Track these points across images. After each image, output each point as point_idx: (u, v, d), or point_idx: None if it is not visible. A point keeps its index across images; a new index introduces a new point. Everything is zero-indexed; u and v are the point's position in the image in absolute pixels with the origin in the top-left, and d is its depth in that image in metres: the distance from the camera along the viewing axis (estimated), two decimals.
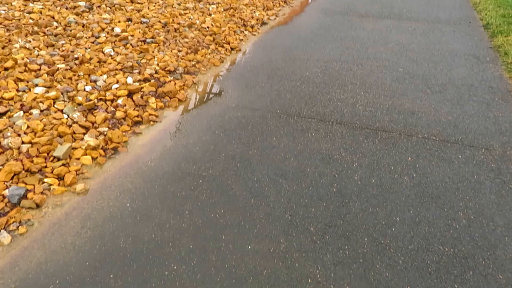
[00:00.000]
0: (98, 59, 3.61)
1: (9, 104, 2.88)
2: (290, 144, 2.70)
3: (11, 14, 4.60)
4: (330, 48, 4.45)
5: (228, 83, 3.58)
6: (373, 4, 6.23)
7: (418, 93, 3.45)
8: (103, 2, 5.16)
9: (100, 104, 2.97)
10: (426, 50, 4.45)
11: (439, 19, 5.56)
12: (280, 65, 3.99)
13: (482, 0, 6.35)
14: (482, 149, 2.68)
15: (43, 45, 3.83)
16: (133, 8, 5.04)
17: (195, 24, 4.68)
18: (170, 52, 3.92)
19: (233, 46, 4.31)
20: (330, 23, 5.34)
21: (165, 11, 4.97)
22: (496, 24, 5.17)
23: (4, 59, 3.45)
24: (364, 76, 3.77)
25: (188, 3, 5.41)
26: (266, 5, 5.80)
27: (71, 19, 4.48)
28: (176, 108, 3.14)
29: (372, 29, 5.11)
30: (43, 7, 4.89)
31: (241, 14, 5.23)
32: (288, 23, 5.33)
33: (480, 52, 4.40)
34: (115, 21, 4.53)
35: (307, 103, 3.25)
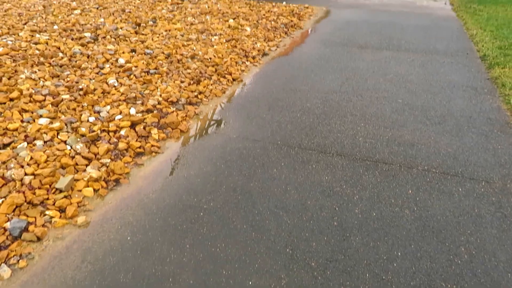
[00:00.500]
0: (102, 90, 3.68)
1: (13, 135, 2.91)
2: (291, 176, 2.72)
3: (18, 44, 4.71)
4: (330, 79, 4.53)
5: (229, 114, 3.63)
6: (372, 35, 6.37)
7: (418, 124, 3.49)
8: (108, 33, 5.29)
9: (103, 135, 3.00)
10: (425, 81, 4.52)
11: (437, 50, 5.67)
12: (281, 95, 4.05)
13: (478, 32, 6.49)
14: (482, 182, 2.69)
15: (48, 76, 3.90)
16: (137, 39, 5.16)
17: (198, 55, 4.78)
18: (173, 83, 4.00)
19: (235, 76, 4.39)
20: (330, 54, 5.45)
21: (168, 42, 5.09)
22: (493, 55, 5.27)
23: (10, 90, 3.52)
24: (364, 107, 3.82)
25: (191, 34, 5.54)
26: (267, 36, 5.93)
27: (76, 50, 4.58)
28: (178, 139, 3.17)
29: (372, 60, 5.21)
30: (49, 38, 5.01)
31: (243, 45, 5.34)
32: (288, 54, 5.44)
33: (478, 84, 4.47)
34: (119, 52, 4.63)
35: (307, 134, 3.29)
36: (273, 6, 7.92)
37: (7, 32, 5.23)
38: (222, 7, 7.45)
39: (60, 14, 6.44)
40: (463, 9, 8.37)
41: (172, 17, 6.44)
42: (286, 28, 6.50)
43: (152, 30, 5.61)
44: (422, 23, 7.29)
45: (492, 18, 7.40)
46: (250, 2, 8.25)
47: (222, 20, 6.48)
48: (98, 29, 5.46)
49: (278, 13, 7.34)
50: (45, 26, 5.59)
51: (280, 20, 6.83)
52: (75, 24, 5.72)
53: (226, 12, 6.98)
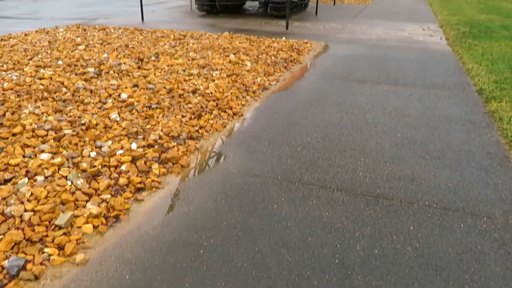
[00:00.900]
0: (104, 125, 3.72)
1: (15, 170, 2.93)
2: (291, 212, 2.71)
3: (23, 79, 4.81)
4: (329, 113, 4.58)
5: (230, 148, 3.66)
6: (370, 69, 6.50)
7: (417, 159, 3.51)
8: (111, 68, 5.40)
9: (104, 170, 3.02)
10: (423, 115, 4.58)
11: (434, 85, 5.76)
12: (281, 130, 4.09)
13: (474, 66, 6.62)
14: (484, 217, 2.68)
15: (51, 111, 3.96)
16: (140, 74, 5.27)
17: (199, 89, 4.86)
18: (174, 118, 4.04)
19: (236, 111, 4.45)
20: (329, 88, 5.53)
21: (170, 77, 5.19)
22: (489, 90, 5.35)
23: (13, 125, 3.56)
24: (363, 142, 3.85)
25: (193, 69, 5.66)
26: (267, 71, 6.05)
27: (80, 85, 4.66)
28: (178, 174, 3.18)
29: (370, 94, 5.29)
30: (54, 73, 5.12)
31: (243, 80, 5.44)
32: (288, 88, 5.53)
33: (475, 118, 4.52)
34: (122, 87, 4.71)
35: (307, 169, 3.30)
36: (273, 42, 8.12)
37: (12, 68, 5.34)
38: (223, 42, 7.63)
39: (65, 49, 6.60)
40: (459, 44, 8.56)
41: (174, 52, 6.59)
42: (285, 63, 6.63)
43: (154, 65, 5.73)
44: (419, 57, 7.45)
45: (487, 53, 7.57)
46: (251, 37, 8.46)
47: (223, 55, 6.63)
48: (102, 64, 5.58)
49: (278, 48, 7.51)
50: (49, 61, 5.72)
51: (280, 55, 6.99)
52: (79, 59, 5.85)
53: (227, 47, 7.15)
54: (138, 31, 8.97)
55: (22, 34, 8.27)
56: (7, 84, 4.57)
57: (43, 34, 8.31)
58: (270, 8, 12.16)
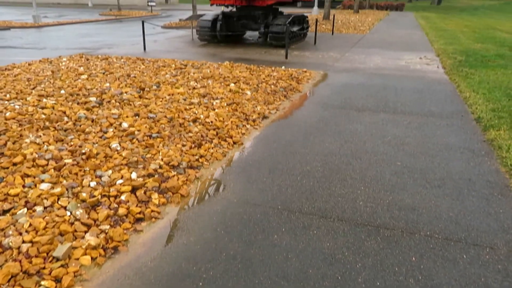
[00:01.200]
0: (105, 154, 3.73)
1: (14, 200, 2.92)
2: (292, 243, 2.68)
3: (25, 109, 4.86)
4: (329, 142, 4.60)
5: (230, 178, 3.66)
6: (368, 98, 6.57)
7: (418, 188, 3.50)
8: (112, 98, 5.47)
9: (103, 200, 3.01)
10: (422, 143, 4.60)
11: (432, 113, 5.81)
12: (281, 159, 4.10)
13: (471, 94, 6.70)
14: (487, 248, 2.65)
15: (52, 140, 3.98)
16: (141, 103, 5.33)
17: (199, 118, 4.90)
18: (175, 147, 4.06)
19: (236, 140, 4.47)
20: (328, 116, 5.58)
21: (171, 106, 5.24)
22: (487, 118, 5.40)
23: (13, 154, 3.57)
24: (363, 170, 3.85)
25: (193, 98, 5.72)
26: (267, 100, 6.12)
27: (81, 114, 4.71)
28: (178, 203, 3.17)
29: (369, 123, 5.33)
30: (56, 103, 5.17)
31: (243, 109, 5.49)
32: (288, 116, 5.58)
33: (474, 146, 4.54)
34: (123, 116, 4.76)
35: (308, 198, 3.29)
36: (273, 71, 8.24)
37: (15, 97, 5.41)
38: (224, 71, 7.75)
39: (68, 79, 6.70)
40: (455, 72, 8.69)
41: (175, 81, 6.69)
42: (285, 92, 6.71)
43: (155, 95, 5.80)
44: (416, 86, 7.54)
45: (483, 82, 7.67)
46: (251, 66, 8.60)
47: (223, 84, 6.72)
48: (104, 93, 5.65)
49: (278, 77, 7.62)
50: (52, 90, 5.79)
51: (280, 84, 7.08)
52: (82, 88, 5.93)
53: (227, 76, 7.26)
54: (140, 60, 9.12)
55: (25, 64, 8.41)
56: (9, 114, 4.61)
57: (47, 64, 8.45)
58: (270, 38, 12.41)
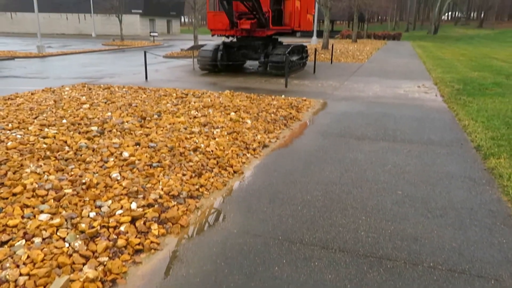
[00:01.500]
0: (105, 184, 3.73)
1: (12, 231, 2.89)
2: (293, 275, 2.64)
3: (27, 138, 4.88)
4: (329, 171, 4.60)
5: (230, 207, 3.63)
6: (367, 127, 6.61)
7: (419, 217, 3.48)
8: (114, 127, 5.51)
9: (102, 231, 2.98)
10: (423, 172, 4.59)
11: (432, 141, 5.84)
12: (281, 188, 4.09)
13: (470, 123, 6.75)
14: (492, 280, 2.61)
15: (53, 170, 3.98)
16: (142, 132, 5.36)
17: (200, 147, 4.92)
18: (175, 176, 4.06)
19: (236, 169, 4.47)
20: (328, 145, 5.60)
21: (172, 136, 5.27)
22: (487, 146, 5.42)
23: (13, 184, 3.57)
24: (364, 200, 3.83)
25: (194, 127, 5.76)
26: (267, 128, 6.16)
27: (82, 144, 4.73)
28: (178, 234, 3.13)
29: (369, 151, 5.34)
30: (57, 132, 5.21)
31: (244, 138, 5.52)
32: (288, 145, 5.60)
33: (475, 174, 4.54)
34: (124, 146, 4.78)
35: (309, 228, 3.26)
36: (273, 99, 8.33)
37: (17, 126, 5.45)
38: (224, 100, 7.83)
39: (70, 108, 6.77)
40: (454, 100, 8.78)
41: (176, 110, 6.75)
42: (285, 120, 6.77)
43: (156, 124, 5.84)
44: (415, 114, 7.61)
45: (482, 110, 7.74)
46: (251, 95, 8.71)
47: (224, 113, 6.78)
48: (105, 123, 5.70)
49: (278, 106, 7.70)
50: (54, 120, 5.84)
51: (280, 113, 7.15)
52: (83, 118, 5.99)
53: (227, 105, 7.33)
54: (142, 89, 9.24)
55: (28, 93, 8.52)
56: (11, 143, 4.64)
57: (49, 93, 8.56)
58: (270, 67, 12.62)
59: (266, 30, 12.47)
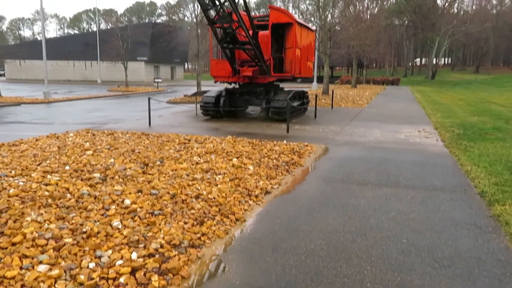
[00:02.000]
0: (106, 233, 3.69)
1: (10, 284, 2.83)
2: None
3: (29, 186, 4.89)
4: (332, 218, 4.55)
5: (232, 257, 3.56)
6: (370, 172, 6.61)
7: (426, 267, 3.39)
8: (116, 174, 5.52)
9: (101, 283, 2.91)
10: (427, 219, 4.53)
11: (435, 187, 5.81)
12: (284, 236, 4.02)
13: (473, 168, 6.74)
14: None
15: (54, 218, 3.96)
16: (144, 179, 5.36)
17: (202, 194, 4.90)
18: (177, 224, 4.02)
19: (238, 216, 4.43)
20: (330, 191, 5.58)
21: (174, 182, 5.27)
22: (491, 192, 5.38)
23: (13, 234, 3.53)
24: (369, 248, 3.76)
25: (196, 174, 5.77)
26: (270, 174, 6.16)
27: (84, 191, 4.72)
28: (178, 286, 3.05)
29: (372, 197, 5.31)
30: (60, 179, 5.21)
31: (246, 184, 5.51)
32: (290, 192, 5.58)
33: (481, 222, 4.47)
34: (126, 193, 4.76)
35: (313, 279, 3.18)
36: (275, 145, 8.40)
37: (20, 173, 5.47)
38: (226, 146, 7.89)
39: (73, 154, 6.82)
40: (455, 145, 8.83)
41: (179, 156, 6.79)
42: (287, 166, 6.78)
43: (159, 170, 5.86)
44: (417, 159, 7.62)
45: (483, 155, 7.76)
46: (253, 141, 8.78)
47: (226, 159, 6.81)
48: (108, 169, 5.72)
49: (280, 151, 7.74)
50: (57, 166, 5.87)
51: (282, 158, 7.17)
52: (86, 164, 6.01)
53: (230, 151, 7.38)
54: (145, 135, 9.35)
55: (33, 139, 8.62)
56: (13, 191, 4.63)
57: (53, 139, 8.66)
58: (271, 113, 12.82)
59: (268, 77, 12.79)
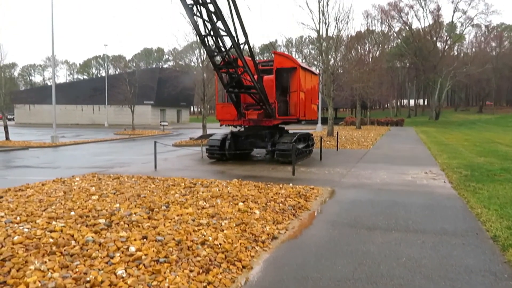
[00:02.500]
0: (110, 282, 3.61)
1: None
2: None
3: (34, 232, 4.84)
4: (341, 264, 4.43)
5: None
6: (378, 216, 6.50)
7: None
8: (121, 219, 5.47)
9: None
10: (439, 265, 4.40)
11: (445, 231, 5.68)
12: (293, 285, 3.91)
13: (483, 211, 6.62)
14: None
15: (57, 267, 3.89)
16: (150, 225, 5.30)
17: (208, 240, 4.82)
18: (182, 273, 3.93)
19: (245, 264, 4.33)
20: (338, 236, 5.47)
21: (179, 228, 5.20)
22: (504, 236, 5.24)
23: (16, 283, 3.48)
24: None
25: (202, 219, 5.70)
26: (276, 219, 6.07)
27: (89, 238, 4.67)
28: None
29: (381, 243, 5.19)
30: (65, 225, 5.17)
31: (252, 229, 5.43)
32: (297, 236, 5.48)
33: (495, 268, 4.33)
34: (131, 239, 4.70)
35: None
36: (280, 188, 8.34)
37: (25, 220, 5.44)
38: (232, 190, 7.85)
39: (79, 199, 6.80)
40: (463, 187, 8.72)
41: (184, 201, 6.74)
42: (294, 210, 6.70)
43: (164, 215, 5.80)
44: (426, 202, 7.51)
45: (493, 197, 7.64)
46: (259, 184, 8.74)
47: (232, 203, 6.75)
48: (113, 215, 5.67)
49: (286, 195, 7.68)
50: (62, 212, 5.84)
51: (288, 202, 7.10)
52: (92, 210, 5.98)
53: (236, 195, 7.33)
54: (151, 179, 9.35)
55: (39, 184, 8.64)
56: (17, 238, 4.59)
57: (59, 184, 8.67)
58: (277, 155, 12.84)
59: (273, 119, 12.94)
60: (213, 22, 9.98)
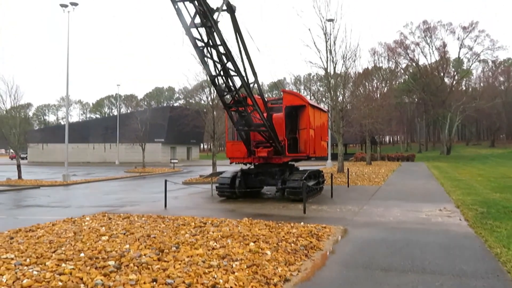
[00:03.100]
0: None
1: None
2: None
3: (43, 275, 4.80)
4: None
5: None
6: (393, 256, 6.31)
7: None
8: (131, 261, 5.40)
9: None
10: None
11: (464, 272, 5.47)
12: None
13: (503, 251, 6.39)
14: None
15: None
16: (160, 267, 5.21)
17: (219, 283, 4.70)
18: None
19: None
20: (353, 278, 5.30)
21: (190, 270, 5.09)
22: None
23: None
24: None
25: (213, 260, 5.59)
26: (288, 260, 5.93)
27: (98, 281, 4.60)
28: None
29: (398, 285, 5.01)
30: (74, 267, 5.11)
31: (264, 271, 5.29)
32: (310, 278, 5.32)
33: None
34: (140, 282, 4.61)
35: None
36: (292, 227, 8.20)
37: (35, 262, 5.40)
38: (243, 229, 7.74)
39: (89, 240, 6.75)
40: (480, 225, 8.48)
41: (194, 241, 6.65)
42: (306, 250, 6.55)
43: (174, 257, 5.71)
44: (442, 241, 7.29)
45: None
46: (269, 223, 8.61)
47: (242, 243, 6.64)
48: (123, 256, 5.60)
49: (297, 234, 7.54)
50: (72, 254, 5.79)
51: (300, 242, 6.96)
52: (101, 251, 5.92)
53: (246, 234, 7.21)
54: (161, 218, 9.28)
55: (49, 224, 8.63)
56: (26, 281, 4.54)
57: (70, 224, 8.65)
58: (287, 193, 12.74)
59: (283, 157, 12.93)
60: (223, 63, 10.22)
